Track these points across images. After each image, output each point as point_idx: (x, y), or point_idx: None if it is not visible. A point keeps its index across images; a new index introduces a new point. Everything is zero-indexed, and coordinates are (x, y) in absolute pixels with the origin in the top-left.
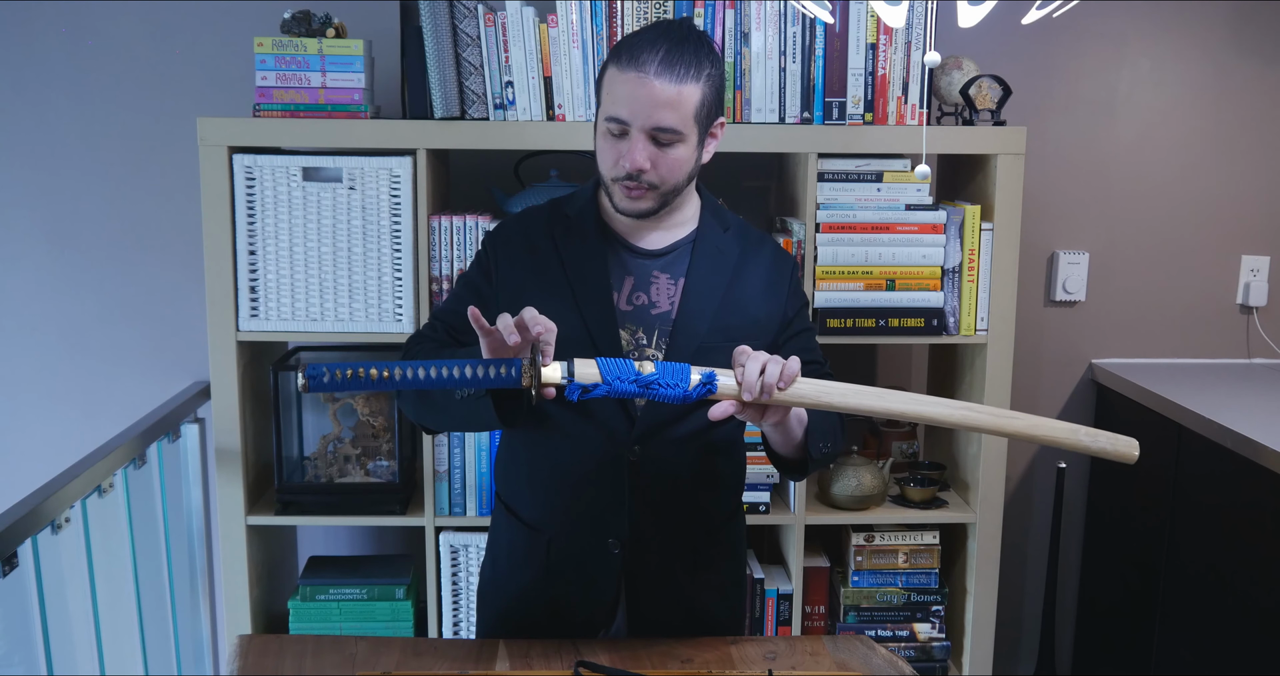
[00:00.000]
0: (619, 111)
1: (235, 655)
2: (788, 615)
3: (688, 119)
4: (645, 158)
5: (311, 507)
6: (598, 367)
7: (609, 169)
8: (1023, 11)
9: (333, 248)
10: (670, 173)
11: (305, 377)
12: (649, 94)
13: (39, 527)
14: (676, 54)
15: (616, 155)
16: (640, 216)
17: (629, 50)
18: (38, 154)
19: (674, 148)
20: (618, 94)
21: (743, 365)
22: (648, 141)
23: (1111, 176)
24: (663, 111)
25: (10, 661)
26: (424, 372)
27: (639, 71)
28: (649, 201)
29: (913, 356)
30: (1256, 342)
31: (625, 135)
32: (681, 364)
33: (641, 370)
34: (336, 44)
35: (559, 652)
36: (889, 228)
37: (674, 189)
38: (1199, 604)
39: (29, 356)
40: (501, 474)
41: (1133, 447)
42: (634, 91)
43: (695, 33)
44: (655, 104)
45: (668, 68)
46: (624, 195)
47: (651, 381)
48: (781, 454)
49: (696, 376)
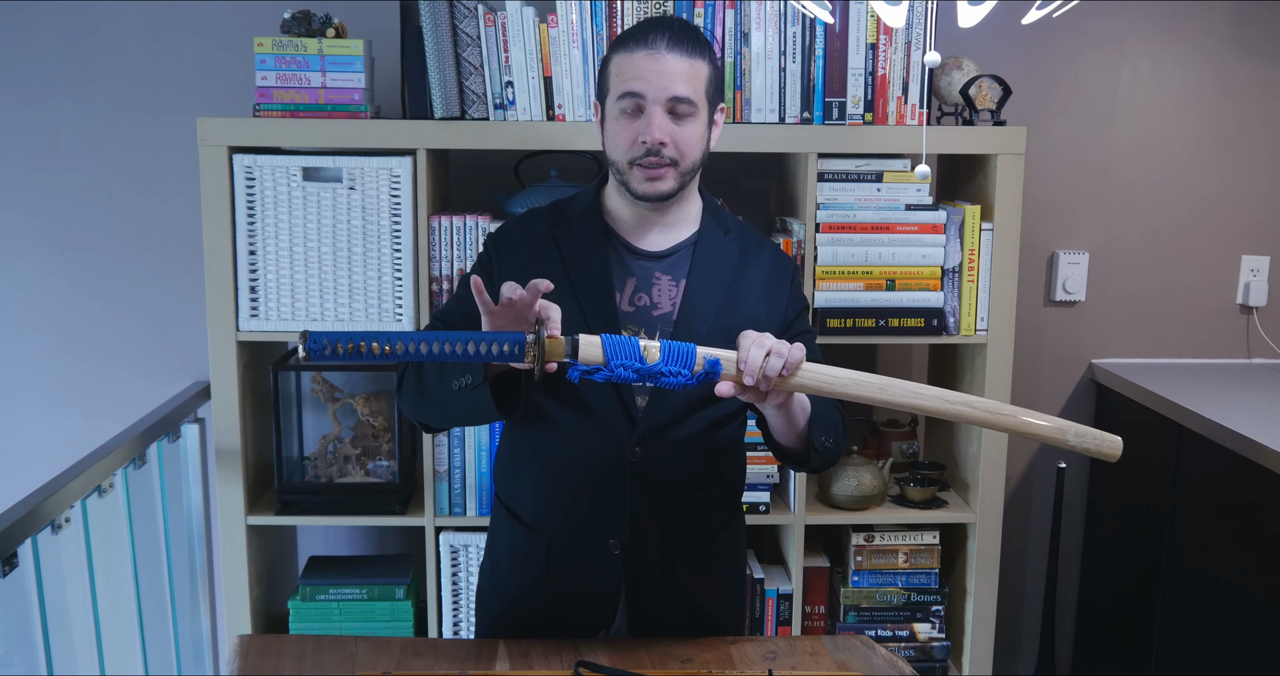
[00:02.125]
0: (634, 86)
1: (235, 655)
2: (788, 615)
3: (700, 92)
4: (665, 132)
5: (311, 507)
6: (602, 346)
7: (625, 150)
8: (1023, 11)
9: (333, 247)
10: (689, 147)
11: (305, 349)
12: (663, 66)
13: (39, 527)
14: (682, 33)
15: (634, 134)
16: (660, 200)
17: (634, 35)
18: (38, 154)
19: (689, 122)
20: (628, 72)
21: (747, 349)
22: (665, 115)
23: (1111, 176)
24: (679, 82)
25: (10, 661)
26: (426, 347)
27: (650, 49)
28: (670, 181)
29: (913, 356)
30: (1256, 343)
31: (640, 112)
32: (687, 344)
33: (646, 353)
34: (336, 44)
35: (559, 652)
36: (889, 228)
37: (691, 169)
38: (1199, 604)
39: (29, 356)
40: (501, 474)
41: (1116, 447)
42: (648, 65)
43: (694, 26)
44: (671, 76)
45: (677, 43)
46: (643, 177)
47: (654, 371)
48: (784, 443)
49: (700, 363)
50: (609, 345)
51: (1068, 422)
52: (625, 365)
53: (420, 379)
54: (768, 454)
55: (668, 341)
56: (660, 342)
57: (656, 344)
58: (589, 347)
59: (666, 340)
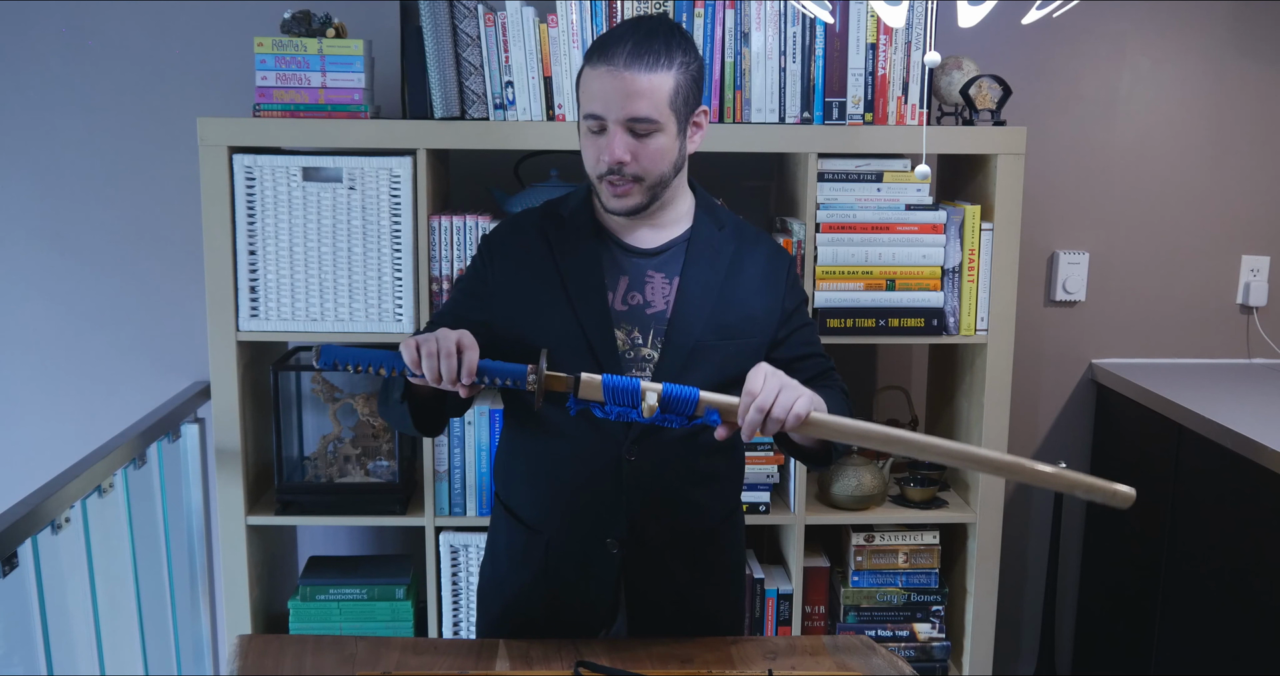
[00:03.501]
0: (594, 107)
1: (235, 655)
2: (788, 615)
3: (662, 107)
4: (624, 150)
5: (311, 507)
6: (602, 388)
7: (592, 167)
8: (1023, 11)
9: (333, 248)
10: (652, 163)
11: (318, 364)
12: (620, 86)
13: (39, 527)
14: (645, 45)
15: (598, 151)
16: (630, 214)
17: (599, 48)
18: (38, 154)
19: (652, 138)
20: (592, 91)
21: (746, 408)
22: (625, 134)
23: (1111, 176)
24: (635, 101)
25: (10, 661)
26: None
27: (609, 65)
28: (636, 197)
29: (913, 356)
30: (1256, 343)
31: (604, 131)
32: (691, 391)
33: (646, 396)
34: (336, 44)
35: (559, 652)
36: (889, 228)
37: (660, 181)
38: (1199, 604)
39: (29, 356)
40: (500, 475)
41: (1127, 501)
42: (606, 85)
43: (666, 25)
44: (627, 95)
45: (636, 58)
46: (610, 193)
47: (649, 421)
48: (801, 444)
49: (700, 411)
50: (609, 389)
51: (1075, 476)
52: (622, 413)
53: (385, 390)
54: (768, 454)
55: (670, 385)
56: (663, 386)
57: (658, 387)
58: (589, 388)
59: (669, 384)
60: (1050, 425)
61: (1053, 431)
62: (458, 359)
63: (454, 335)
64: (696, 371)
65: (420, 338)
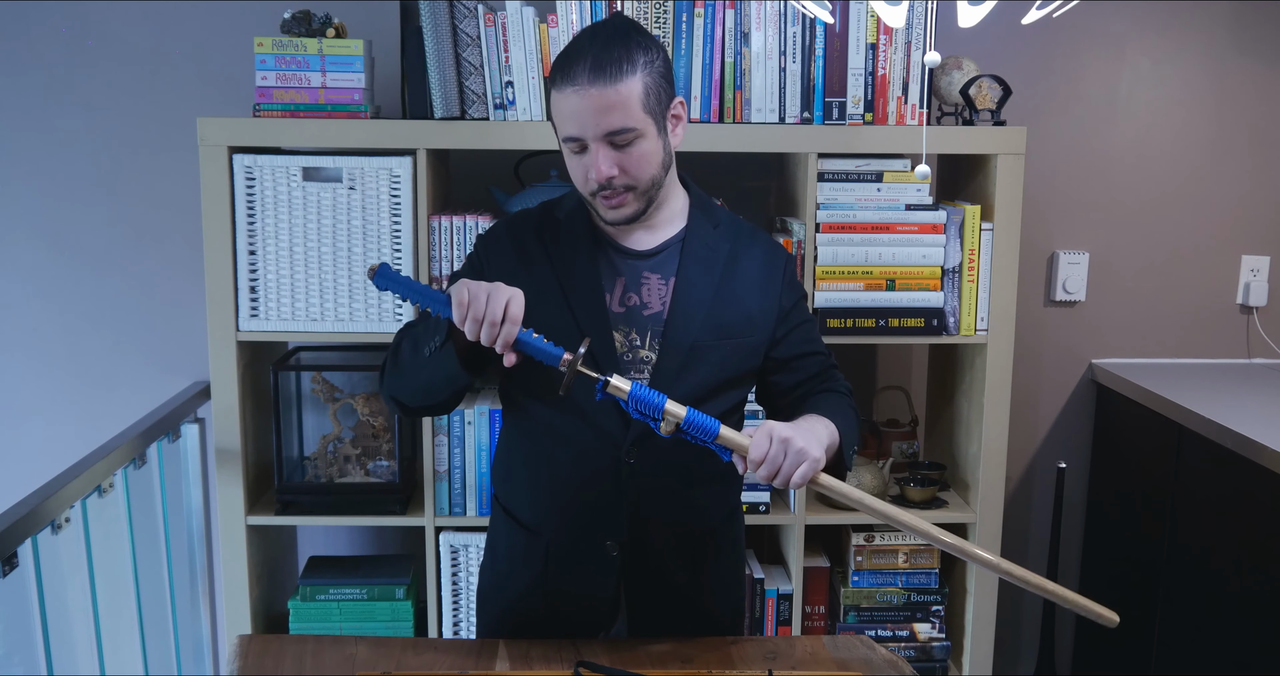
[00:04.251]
0: (569, 130)
1: (235, 655)
2: (788, 615)
3: (636, 114)
4: (611, 164)
5: (311, 507)
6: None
7: (582, 185)
8: (1023, 11)
9: (333, 248)
10: (640, 170)
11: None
12: (589, 104)
13: (39, 527)
14: (604, 56)
15: (584, 171)
16: (629, 222)
17: (560, 69)
18: (38, 154)
19: (635, 145)
20: (564, 113)
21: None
22: (607, 148)
23: (1111, 176)
24: (608, 115)
25: (10, 661)
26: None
27: (574, 86)
28: (632, 205)
29: (913, 356)
30: (1256, 343)
31: (585, 150)
32: (711, 423)
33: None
34: (336, 44)
35: (559, 652)
36: (889, 228)
37: (652, 184)
38: (1199, 604)
39: (29, 356)
40: (499, 476)
41: (1110, 622)
42: (576, 106)
43: (621, 28)
44: (598, 111)
45: (600, 72)
46: (605, 206)
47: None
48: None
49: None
50: (633, 399)
51: (1064, 592)
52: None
53: (397, 356)
54: None
55: (693, 413)
56: (686, 412)
57: (682, 413)
58: (615, 392)
59: (693, 411)
60: (1050, 425)
61: (1053, 431)
62: (500, 328)
63: (503, 299)
64: (695, 371)
65: (472, 291)
